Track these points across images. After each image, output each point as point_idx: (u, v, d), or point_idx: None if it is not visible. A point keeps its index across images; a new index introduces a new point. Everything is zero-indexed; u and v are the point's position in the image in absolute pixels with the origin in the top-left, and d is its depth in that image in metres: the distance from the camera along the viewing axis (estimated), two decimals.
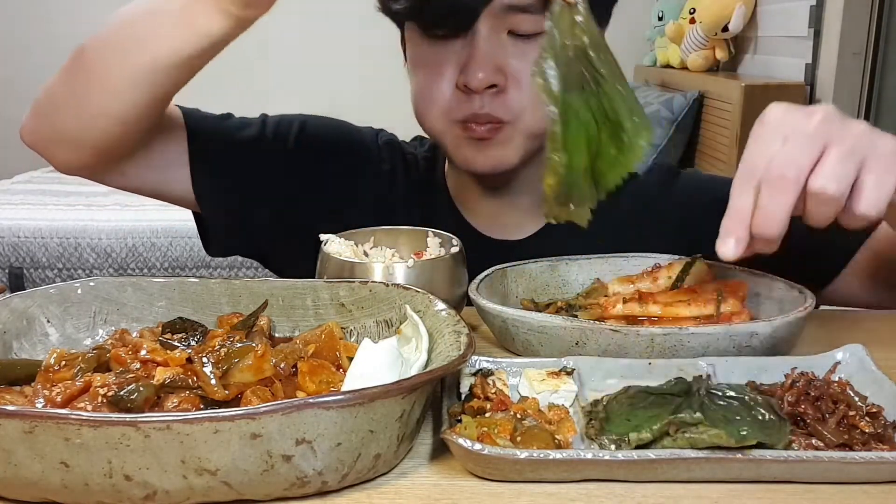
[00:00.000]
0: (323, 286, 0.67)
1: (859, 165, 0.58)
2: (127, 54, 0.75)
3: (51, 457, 0.44)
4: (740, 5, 2.57)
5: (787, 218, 0.58)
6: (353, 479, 0.49)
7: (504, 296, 0.78)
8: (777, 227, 0.57)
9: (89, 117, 0.79)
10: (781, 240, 0.59)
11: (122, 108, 0.78)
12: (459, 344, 0.54)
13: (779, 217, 0.57)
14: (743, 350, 0.64)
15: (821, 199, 0.58)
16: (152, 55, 0.73)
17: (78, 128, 0.81)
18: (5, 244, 2.31)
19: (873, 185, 0.58)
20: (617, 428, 0.53)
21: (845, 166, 0.57)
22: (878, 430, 0.52)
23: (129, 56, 0.74)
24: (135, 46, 0.74)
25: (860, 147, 0.58)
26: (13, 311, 0.62)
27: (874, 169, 0.58)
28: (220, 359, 0.55)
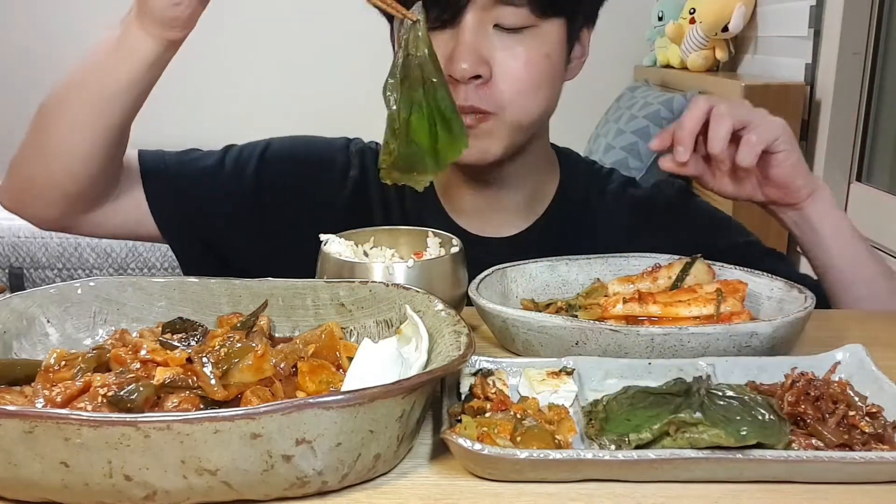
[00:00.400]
0: (323, 286, 0.67)
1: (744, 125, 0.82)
2: (79, 90, 0.82)
3: (51, 457, 0.44)
4: (740, 5, 2.57)
5: (725, 137, 0.81)
6: (353, 479, 0.49)
7: (504, 296, 0.78)
8: (720, 143, 0.81)
9: (53, 158, 0.84)
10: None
11: (82, 144, 0.82)
12: (459, 344, 0.54)
13: (721, 135, 0.81)
14: (743, 350, 0.64)
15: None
16: (101, 84, 0.80)
17: (45, 173, 0.85)
18: (5, 244, 2.31)
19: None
20: (617, 428, 0.53)
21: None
22: (878, 430, 0.52)
23: (81, 91, 0.81)
24: (85, 81, 0.81)
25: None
26: (13, 311, 0.62)
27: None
28: (220, 359, 0.55)
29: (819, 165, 2.11)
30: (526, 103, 0.88)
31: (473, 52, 0.84)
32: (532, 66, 0.87)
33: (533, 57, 0.87)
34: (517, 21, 0.85)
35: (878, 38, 1.98)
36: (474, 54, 0.84)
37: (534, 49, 0.87)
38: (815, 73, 2.16)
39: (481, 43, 0.85)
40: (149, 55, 0.77)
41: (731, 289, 0.72)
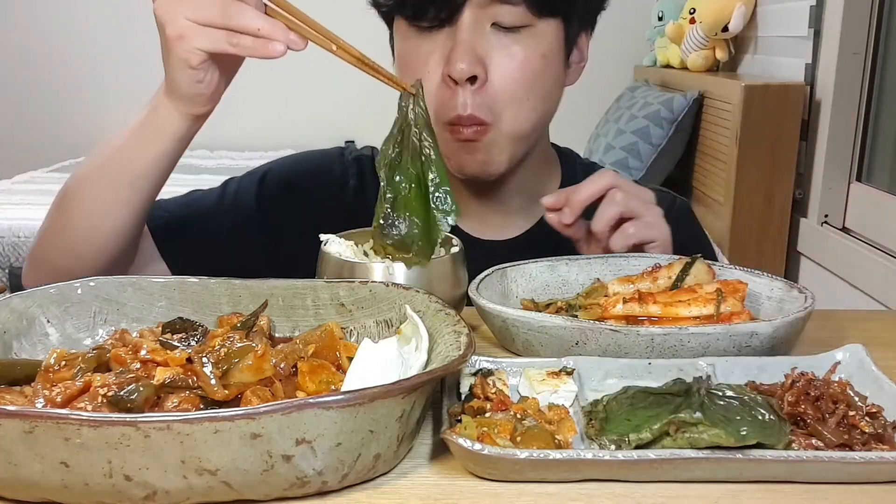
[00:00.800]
0: (323, 286, 0.67)
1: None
2: (107, 170, 0.81)
3: (51, 457, 0.44)
4: (740, 5, 2.57)
5: (609, 221, 0.83)
6: (353, 479, 0.49)
7: (504, 296, 0.78)
8: (603, 224, 0.83)
9: (82, 241, 0.83)
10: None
11: (112, 224, 0.82)
12: (459, 344, 0.54)
13: (606, 218, 0.83)
14: (743, 350, 0.64)
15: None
16: (130, 163, 0.80)
17: (73, 257, 0.85)
18: (5, 244, 2.30)
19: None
20: (617, 428, 0.53)
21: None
22: (878, 430, 0.52)
23: (110, 170, 0.81)
24: (114, 160, 0.81)
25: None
26: (13, 311, 0.62)
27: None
28: (220, 359, 0.55)
29: (819, 165, 2.11)
30: (521, 106, 0.89)
31: (471, 52, 0.85)
32: (528, 66, 0.88)
33: (530, 56, 0.87)
34: (514, 20, 0.86)
35: (878, 38, 1.98)
36: (472, 54, 0.85)
37: (531, 48, 0.87)
38: (815, 73, 2.16)
39: (478, 42, 0.86)
40: (177, 131, 0.79)
41: (731, 289, 0.72)
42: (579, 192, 0.83)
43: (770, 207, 2.20)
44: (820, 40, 2.14)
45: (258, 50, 0.72)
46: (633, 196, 0.83)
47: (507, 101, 0.88)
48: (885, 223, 1.87)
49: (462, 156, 0.90)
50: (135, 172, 0.80)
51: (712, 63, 2.76)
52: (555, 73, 0.91)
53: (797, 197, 2.20)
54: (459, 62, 0.84)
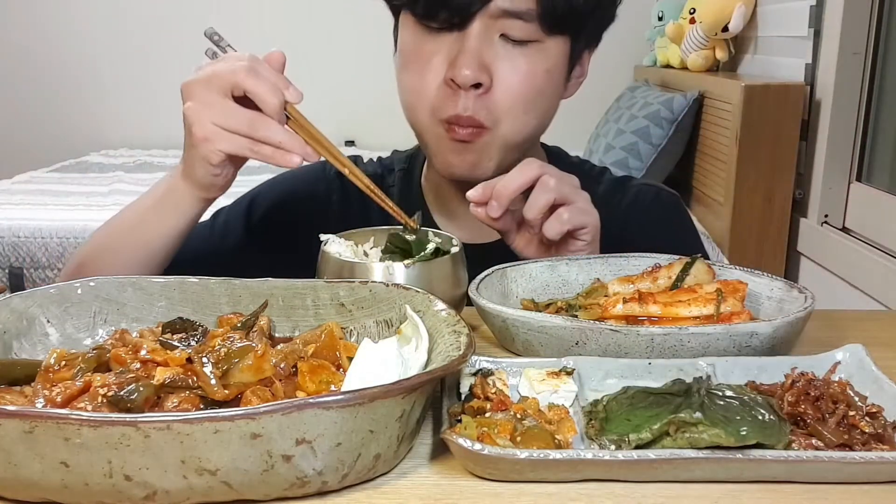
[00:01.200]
0: (323, 286, 0.67)
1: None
2: (122, 242, 0.86)
3: (51, 457, 0.44)
4: (740, 5, 2.57)
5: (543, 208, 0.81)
6: (353, 479, 0.49)
7: (504, 296, 0.78)
8: (537, 211, 0.81)
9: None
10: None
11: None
12: (459, 344, 0.54)
13: (540, 205, 0.80)
14: (743, 350, 0.64)
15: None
16: (145, 237, 0.85)
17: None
18: (5, 244, 2.30)
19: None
20: (617, 428, 0.53)
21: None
22: (878, 430, 0.52)
23: (125, 243, 0.86)
24: (128, 234, 0.86)
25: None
26: (13, 311, 0.62)
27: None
28: (220, 359, 0.55)
29: (819, 165, 2.11)
30: (519, 118, 0.89)
31: (476, 59, 0.85)
32: (531, 79, 0.88)
33: (534, 71, 0.88)
34: (523, 34, 0.86)
35: (878, 38, 1.98)
36: (477, 61, 0.85)
37: (536, 63, 0.88)
38: (815, 73, 2.16)
39: (485, 51, 0.86)
40: (189, 211, 0.83)
41: (731, 289, 0.72)
42: (506, 183, 0.81)
43: (770, 207, 2.20)
44: (820, 40, 2.14)
45: (276, 159, 0.76)
46: (564, 182, 0.82)
47: (507, 110, 0.88)
48: (885, 223, 1.87)
49: (453, 155, 0.91)
50: (149, 248, 0.85)
51: (712, 63, 2.76)
52: (556, 88, 0.92)
53: (797, 197, 2.20)
54: (465, 68, 0.85)
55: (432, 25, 0.87)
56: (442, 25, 0.87)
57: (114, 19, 3.66)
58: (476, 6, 0.84)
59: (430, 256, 0.76)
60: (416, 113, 0.92)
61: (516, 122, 0.89)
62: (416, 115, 0.92)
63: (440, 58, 0.87)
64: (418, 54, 0.89)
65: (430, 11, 0.86)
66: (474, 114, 0.87)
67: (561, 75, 0.92)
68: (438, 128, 0.90)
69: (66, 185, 2.85)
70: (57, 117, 3.73)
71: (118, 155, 3.50)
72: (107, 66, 3.70)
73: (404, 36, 0.92)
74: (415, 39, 0.90)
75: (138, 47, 3.69)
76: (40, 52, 3.70)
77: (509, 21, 0.85)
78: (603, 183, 1.06)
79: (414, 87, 0.90)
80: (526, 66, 0.87)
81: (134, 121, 3.76)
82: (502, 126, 0.89)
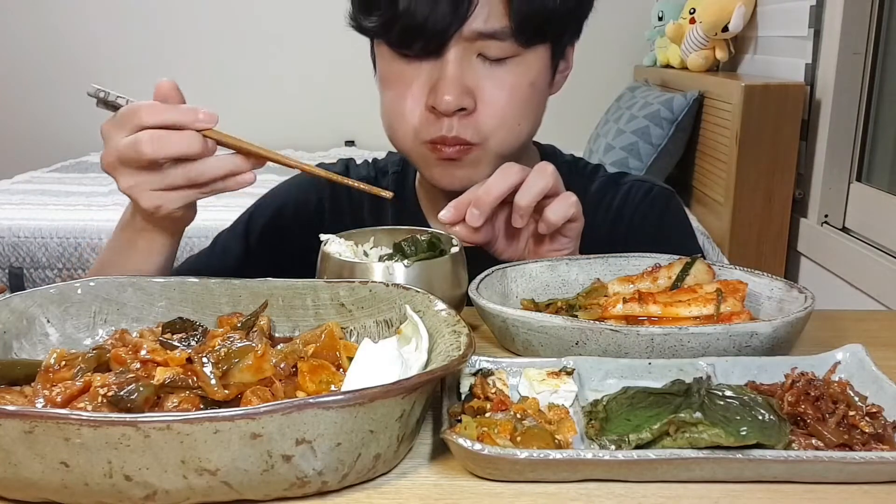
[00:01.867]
0: (323, 286, 0.67)
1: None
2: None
3: (51, 457, 0.44)
4: (740, 5, 2.57)
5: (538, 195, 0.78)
6: (353, 479, 0.49)
7: (504, 296, 0.78)
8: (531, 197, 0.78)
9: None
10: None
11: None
12: (459, 344, 0.54)
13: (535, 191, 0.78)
14: (743, 350, 0.64)
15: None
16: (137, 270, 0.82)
17: None
18: (5, 244, 2.30)
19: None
20: (617, 428, 0.53)
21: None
22: (878, 430, 0.52)
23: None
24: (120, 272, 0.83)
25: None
26: (13, 311, 0.62)
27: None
28: (220, 359, 0.55)
29: (819, 165, 2.11)
30: (509, 134, 0.88)
31: (458, 85, 0.84)
32: (516, 94, 0.87)
33: (517, 84, 0.86)
34: (501, 52, 0.84)
35: (878, 38, 1.98)
36: (458, 87, 0.84)
37: (519, 77, 0.86)
38: (815, 73, 2.16)
39: (465, 74, 0.84)
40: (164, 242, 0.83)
41: (731, 289, 0.72)
42: (488, 189, 0.77)
43: (770, 207, 2.20)
44: (820, 40, 2.14)
45: (230, 187, 0.75)
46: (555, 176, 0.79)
47: (495, 127, 0.87)
48: (885, 223, 1.87)
49: (441, 172, 0.89)
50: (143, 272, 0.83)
51: (712, 63, 2.76)
52: (541, 96, 0.91)
53: (797, 197, 2.20)
54: (446, 94, 0.83)
55: (408, 53, 0.86)
56: (419, 54, 0.85)
57: (114, 19, 3.66)
58: (450, 31, 0.82)
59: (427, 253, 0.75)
60: (398, 137, 0.91)
61: (509, 134, 0.88)
62: (398, 138, 0.91)
63: (420, 83, 0.86)
64: (398, 81, 0.88)
65: (405, 41, 0.85)
66: (460, 133, 0.85)
67: (545, 82, 0.91)
68: (422, 148, 0.88)
69: (66, 185, 2.85)
70: (57, 117, 3.73)
71: None
72: (107, 66, 3.70)
73: (381, 63, 0.91)
74: (393, 67, 0.88)
75: (138, 47, 3.69)
76: (40, 52, 3.70)
77: (485, 42, 0.83)
78: (596, 181, 1.06)
79: (396, 111, 0.89)
80: (509, 81, 0.86)
81: None
82: (493, 140, 0.87)
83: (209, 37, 3.67)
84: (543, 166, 0.79)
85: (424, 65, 0.86)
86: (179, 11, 3.64)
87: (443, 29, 0.82)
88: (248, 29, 3.67)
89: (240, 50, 3.68)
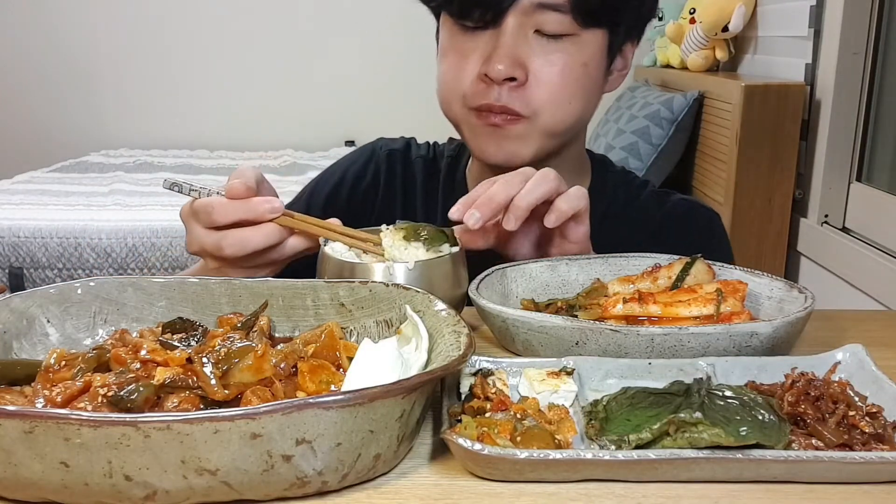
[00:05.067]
0: (323, 286, 0.67)
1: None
2: None
3: (51, 457, 0.44)
4: (740, 5, 2.57)
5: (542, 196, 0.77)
6: (353, 479, 0.49)
7: (504, 296, 0.78)
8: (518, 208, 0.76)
9: None
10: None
11: None
12: (459, 344, 0.54)
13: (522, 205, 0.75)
14: (743, 350, 0.64)
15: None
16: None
17: None
18: (5, 244, 2.30)
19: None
20: (617, 428, 0.53)
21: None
22: (878, 430, 0.52)
23: None
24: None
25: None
26: (13, 311, 0.62)
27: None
28: (220, 359, 0.55)
29: (819, 165, 2.11)
30: (558, 110, 0.89)
31: (510, 55, 0.86)
32: (568, 73, 0.88)
33: (570, 64, 0.88)
34: (558, 28, 0.86)
35: (878, 38, 1.98)
36: (511, 57, 0.86)
37: (572, 56, 0.88)
38: (815, 73, 2.16)
39: (520, 46, 0.87)
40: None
41: (731, 289, 0.72)
42: (525, 196, 0.75)
43: (770, 207, 2.20)
44: (820, 40, 2.14)
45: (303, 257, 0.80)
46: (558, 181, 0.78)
47: (545, 102, 0.88)
48: (885, 223, 1.87)
49: (488, 141, 0.91)
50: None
51: (712, 63, 2.76)
52: (594, 80, 0.92)
53: (797, 197, 2.20)
54: (498, 63, 0.86)
55: (468, 24, 0.89)
56: (476, 24, 0.88)
57: (114, 19, 3.66)
58: (508, 1, 0.85)
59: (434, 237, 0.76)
60: (449, 104, 0.93)
61: (558, 111, 0.89)
62: (449, 106, 0.93)
63: (476, 55, 0.89)
64: (456, 51, 0.91)
65: (465, 10, 0.88)
66: (508, 103, 0.87)
67: (599, 68, 0.92)
68: (471, 117, 0.91)
69: (66, 185, 2.85)
70: (57, 117, 3.73)
71: (118, 155, 3.50)
72: (107, 66, 3.71)
73: (443, 35, 0.94)
74: (452, 38, 0.91)
75: (138, 47, 3.69)
76: (40, 52, 3.70)
77: (543, 15, 0.86)
78: (643, 195, 1.05)
79: (449, 80, 0.92)
80: (562, 59, 0.88)
81: (134, 121, 3.76)
82: (543, 116, 0.89)
83: (209, 37, 3.67)
84: (546, 172, 0.79)
85: (482, 36, 0.88)
86: (180, 12, 3.64)
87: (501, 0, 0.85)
88: (248, 29, 3.66)
89: (240, 50, 3.68)
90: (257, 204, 0.76)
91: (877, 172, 2.01)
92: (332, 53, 3.65)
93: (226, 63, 3.70)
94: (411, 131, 0.96)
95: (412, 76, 3.08)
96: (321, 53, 3.65)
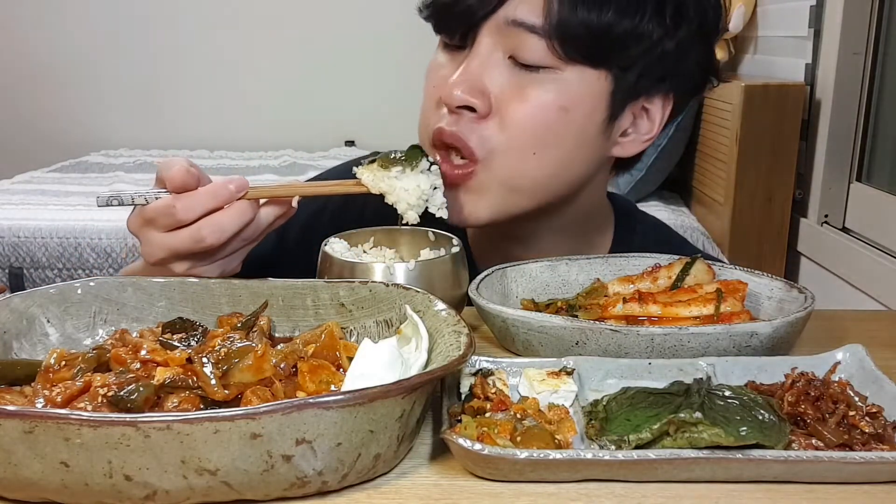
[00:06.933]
0: (323, 286, 0.67)
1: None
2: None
3: (51, 457, 0.44)
4: (740, 5, 2.57)
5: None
6: (353, 479, 0.49)
7: (504, 296, 0.78)
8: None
9: None
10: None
11: None
12: (459, 344, 0.54)
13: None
14: (743, 350, 0.64)
15: None
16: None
17: None
18: (5, 244, 2.30)
19: None
20: (617, 428, 0.53)
21: None
22: (878, 430, 0.52)
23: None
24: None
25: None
26: (13, 311, 0.62)
27: None
28: (220, 359, 0.55)
29: (819, 165, 2.11)
30: (518, 159, 0.77)
31: (472, 80, 0.76)
32: (541, 113, 0.75)
33: (545, 104, 0.75)
34: (534, 57, 0.74)
35: (878, 38, 1.98)
36: (471, 82, 0.76)
37: (549, 95, 0.75)
38: (815, 73, 2.16)
39: (488, 72, 0.76)
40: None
41: (731, 289, 0.72)
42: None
43: (770, 207, 2.20)
44: (820, 40, 2.14)
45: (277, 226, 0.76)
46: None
47: (505, 143, 0.76)
48: (885, 223, 1.87)
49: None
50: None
51: None
52: (578, 132, 0.77)
53: (797, 197, 2.20)
54: (455, 88, 0.75)
55: (448, 42, 0.81)
56: (452, 40, 0.80)
57: (114, 19, 3.66)
58: (479, 13, 0.75)
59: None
60: (419, 130, 0.85)
61: (517, 161, 0.77)
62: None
63: (445, 74, 0.79)
64: (434, 71, 0.82)
65: (440, 21, 0.80)
66: (460, 132, 0.76)
67: (589, 119, 0.77)
68: (431, 148, 0.81)
69: (66, 185, 2.85)
70: (57, 117, 3.73)
71: (118, 155, 3.51)
72: (107, 66, 3.70)
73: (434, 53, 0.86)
74: (436, 58, 0.83)
75: (138, 47, 3.69)
76: (40, 52, 3.70)
77: (518, 37, 0.74)
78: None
79: (423, 104, 0.83)
80: (536, 96, 0.75)
81: (134, 121, 3.76)
82: (498, 161, 0.77)
83: (210, 37, 3.67)
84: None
85: (458, 57, 0.79)
86: (180, 12, 3.64)
87: (473, 7, 0.75)
88: (248, 29, 3.66)
89: (240, 50, 3.68)
90: (221, 188, 0.70)
91: (877, 172, 2.01)
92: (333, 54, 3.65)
93: (226, 63, 3.70)
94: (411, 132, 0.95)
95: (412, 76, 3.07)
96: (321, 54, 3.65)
